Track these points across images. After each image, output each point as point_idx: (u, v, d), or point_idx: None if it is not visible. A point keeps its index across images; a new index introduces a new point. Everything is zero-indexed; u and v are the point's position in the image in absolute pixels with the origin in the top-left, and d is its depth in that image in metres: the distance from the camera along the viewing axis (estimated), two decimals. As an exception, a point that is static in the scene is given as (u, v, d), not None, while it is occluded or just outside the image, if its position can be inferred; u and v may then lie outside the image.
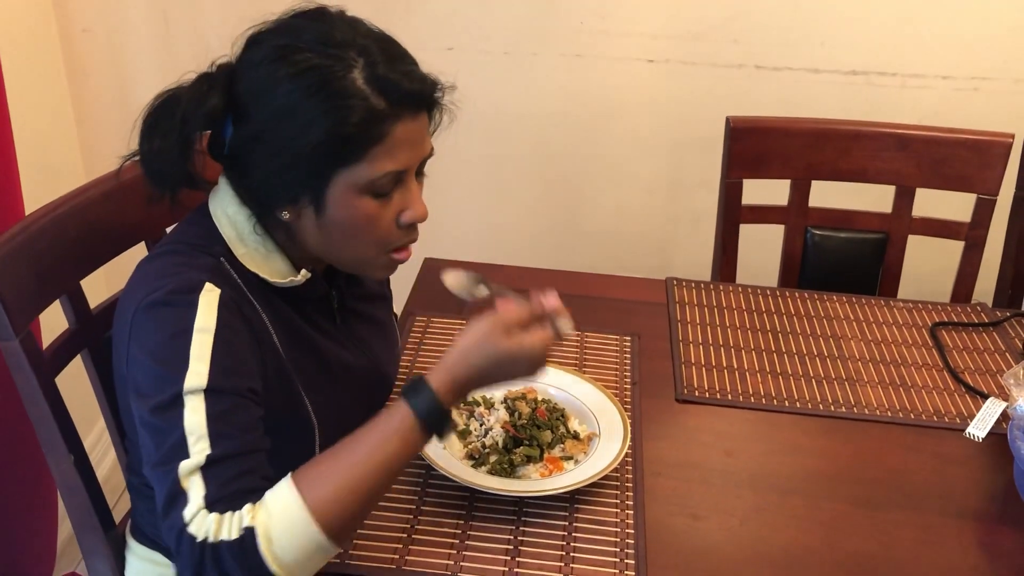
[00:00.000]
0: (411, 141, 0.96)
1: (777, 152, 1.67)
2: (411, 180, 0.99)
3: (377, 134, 0.92)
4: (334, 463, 0.87)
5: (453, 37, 2.05)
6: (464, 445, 1.12)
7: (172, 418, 0.88)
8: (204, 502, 0.84)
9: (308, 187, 0.94)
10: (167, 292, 0.92)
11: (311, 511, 0.83)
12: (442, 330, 1.37)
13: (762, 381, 1.31)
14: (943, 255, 1.74)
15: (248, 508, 0.83)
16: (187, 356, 0.90)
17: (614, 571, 0.97)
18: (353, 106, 0.91)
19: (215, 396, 0.89)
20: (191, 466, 0.85)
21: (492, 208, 2.24)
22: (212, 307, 0.92)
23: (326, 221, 0.96)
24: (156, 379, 0.90)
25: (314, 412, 1.03)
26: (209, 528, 0.82)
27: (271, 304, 1.01)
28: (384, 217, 0.97)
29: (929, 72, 1.98)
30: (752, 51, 2.00)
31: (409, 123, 0.95)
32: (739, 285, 1.56)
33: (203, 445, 0.86)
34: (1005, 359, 1.38)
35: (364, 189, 0.94)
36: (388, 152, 0.94)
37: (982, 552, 1.04)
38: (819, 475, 1.14)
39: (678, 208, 2.17)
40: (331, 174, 0.93)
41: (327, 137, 0.91)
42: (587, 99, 2.09)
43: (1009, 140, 1.62)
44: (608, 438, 1.12)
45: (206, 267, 0.95)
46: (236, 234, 0.99)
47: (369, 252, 1.00)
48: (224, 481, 0.85)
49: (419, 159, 0.99)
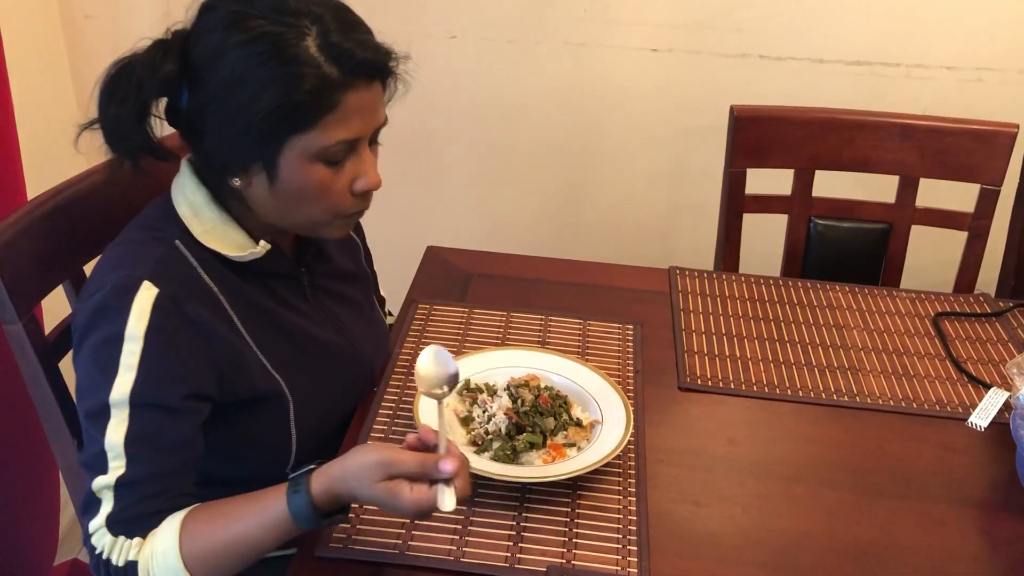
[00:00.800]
0: (364, 110, 0.96)
1: (781, 141, 1.67)
2: (364, 148, 0.99)
3: (329, 102, 0.93)
4: (214, 530, 0.92)
5: (456, 25, 2.05)
6: (467, 432, 1.12)
7: (98, 428, 0.93)
8: (106, 521, 0.92)
9: (260, 154, 0.95)
10: (105, 294, 0.94)
11: (184, 562, 0.91)
12: (445, 317, 1.37)
13: (764, 370, 1.31)
14: (946, 245, 1.74)
15: (138, 541, 0.92)
16: (117, 364, 0.93)
17: (616, 557, 0.98)
18: (305, 74, 0.91)
19: (139, 410, 0.93)
20: (105, 482, 0.93)
21: (495, 196, 2.24)
22: (145, 311, 0.93)
23: (278, 188, 0.97)
24: (90, 383, 0.94)
25: (288, 388, 1.05)
26: (104, 546, 0.92)
27: (231, 284, 1.02)
28: (336, 184, 0.98)
29: (933, 63, 1.98)
30: (756, 40, 1.99)
31: (362, 92, 0.95)
32: (742, 274, 1.56)
33: (119, 464, 0.92)
34: (1008, 349, 1.38)
35: (316, 156, 0.95)
36: (341, 120, 0.94)
37: (984, 540, 1.04)
38: (821, 463, 1.14)
39: (681, 197, 2.17)
40: (283, 141, 0.94)
41: (279, 104, 0.91)
42: (590, 88, 2.08)
43: (1014, 130, 1.62)
44: (611, 425, 1.12)
45: (153, 258, 0.96)
46: (193, 212, 1.01)
47: (321, 217, 1.01)
48: (129, 503, 0.93)
49: (372, 128, 0.99)
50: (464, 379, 1.18)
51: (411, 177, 2.23)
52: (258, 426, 1.04)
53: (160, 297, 0.94)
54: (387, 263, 1.48)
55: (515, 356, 1.24)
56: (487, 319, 1.38)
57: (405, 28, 2.08)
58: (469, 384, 1.18)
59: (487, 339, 1.32)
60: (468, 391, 1.17)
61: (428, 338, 1.32)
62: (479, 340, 1.32)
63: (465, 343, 1.31)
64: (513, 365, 1.21)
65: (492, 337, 1.33)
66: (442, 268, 1.52)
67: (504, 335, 1.34)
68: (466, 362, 1.21)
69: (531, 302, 1.44)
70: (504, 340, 1.33)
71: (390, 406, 1.18)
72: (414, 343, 1.31)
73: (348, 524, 0.99)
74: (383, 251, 1.82)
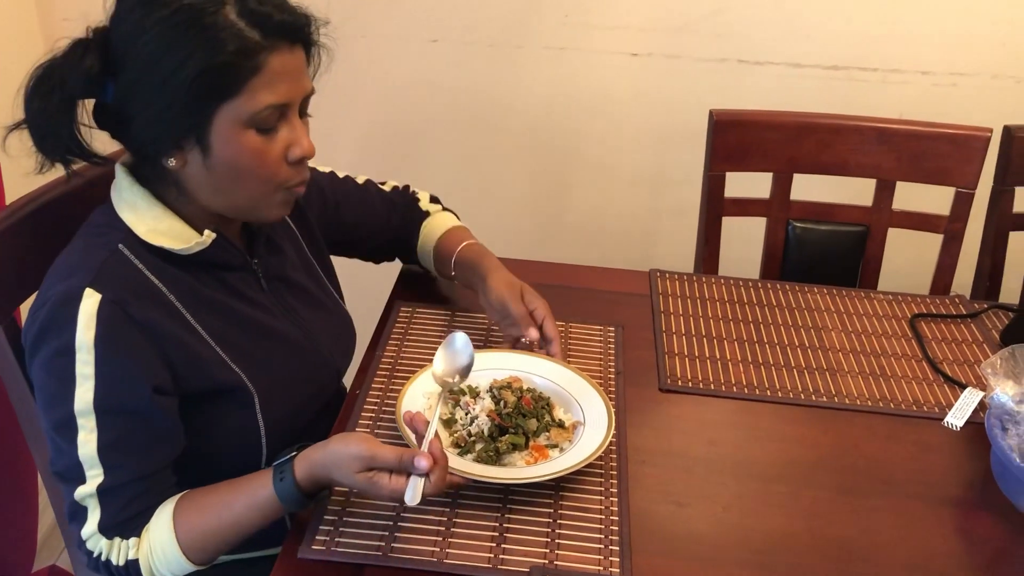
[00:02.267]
0: (289, 74, 0.97)
1: (759, 145, 1.68)
2: (295, 116, 1.00)
3: (253, 65, 0.93)
4: (207, 520, 0.98)
5: (437, 29, 2.05)
6: (450, 434, 1.12)
7: (67, 439, 0.95)
8: (98, 527, 0.97)
9: (191, 126, 0.95)
10: (50, 307, 0.95)
11: (183, 551, 0.97)
12: (427, 320, 1.38)
13: (744, 371, 1.32)
14: (922, 248, 1.76)
15: (134, 541, 0.97)
16: (73, 375, 0.94)
17: (599, 557, 0.98)
18: (226, 38, 0.92)
19: (106, 418, 0.95)
20: (87, 491, 0.96)
21: (476, 200, 2.23)
22: (91, 318, 0.94)
23: (213, 162, 0.97)
24: (50, 396, 0.95)
25: (249, 380, 1.05)
26: (102, 549, 0.97)
27: (181, 281, 1.02)
28: (271, 153, 0.98)
29: (909, 67, 2.00)
30: (735, 45, 2.01)
31: (285, 55, 0.96)
32: (722, 277, 1.57)
33: (96, 472, 0.95)
34: (983, 350, 1.40)
35: (247, 123, 0.95)
36: (267, 84, 0.95)
37: (960, 538, 1.06)
38: (800, 463, 1.16)
39: (661, 201, 2.19)
40: (212, 110, 0.94)
41: (203, 70, 0.92)
42: (571, 92, 2.09)
43: (987, 134, 1.64)
44: (593, 426, 1.12)
45: (94, 265, 0.96)
46: (134, 213, 1.01)
47: (260, 190, 1.01)
48: (117, 509, 0.97)
49: (300, 94, 1.00)
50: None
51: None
52: (225, 419, 1.06)
53: (103, 303, 0.94)
54: (369, 266, 1.48)
55: (498, 358, 1.24)
56: (470, 321, 1.38)
57: (386, 31, 2.09)
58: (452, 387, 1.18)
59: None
60: (451, 393, 1.17)
61: (411, 340, 1.33)
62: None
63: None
64: (496, 367, 1.22)
65: (475, 339, 1.32)
66: (424, 271, 1.53)
67: (487, 338, 1.34)
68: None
69: (513, 305, 1.44)
70: (487, 342, 1.33)
71: (373, 406, 1.18)
72: (396, 345, 1.31)
73: (335, 518, 1.00)
74: (365, 254, 1.80)
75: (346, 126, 2.16)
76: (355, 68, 2.10)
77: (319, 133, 2.38)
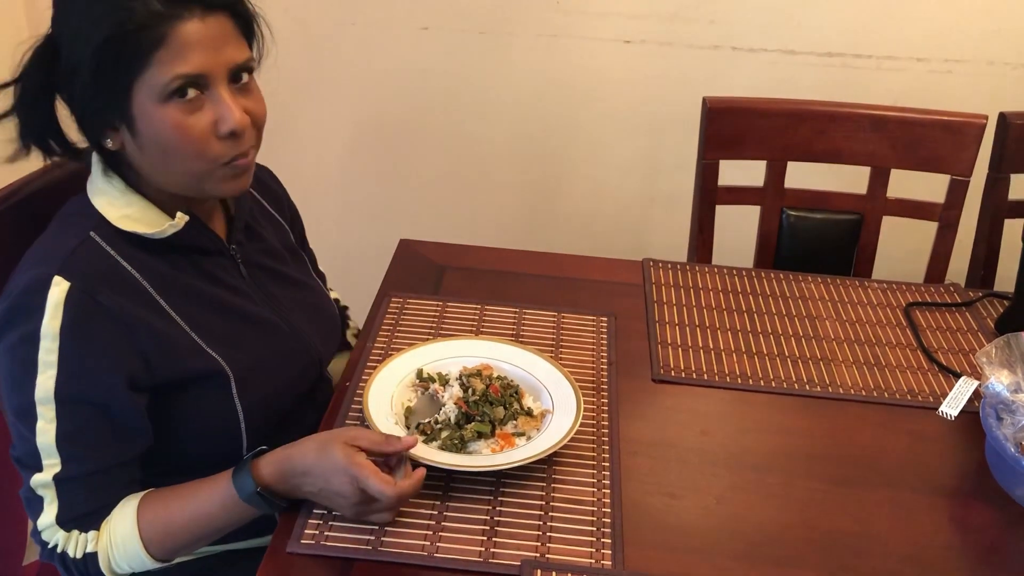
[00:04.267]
0: (203, 44, 0.94)
1: (753, 133, 1.67)
2: (220, 87, 0.96)
3: (157, 36, 0.92)
4: (171, 515, 0.98)
5: (428, 16, 2.03)
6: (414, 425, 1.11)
7: (27, 426, 0.94)
8: (55, 519, 0.96)
9: (113, 105, 0.94)
10: (18, 294, 0.94)
11: (144, 544, 0.97)
12: (418, 310, 1.36)
13: (738, 361, 1.31)
14: (917, 236, 1.75)
15: (93, 534, 0.97)
16: (35, 363, 0.93)
17: (591, 549, 0.97)
18: (132, 8, 0.91)
19: (66, 407, 0.94)
20: (42, 480, 0.95)
21: (468, 189, 2.23)
22: (58, 307, 0.93)
23: (142, 141, 0.96)
24: (12, 382, 0.95)
25: (225, 362, 1.04)
26: (58, 541, 0.96)
27: (156, 268, 1.01)
28: (195, 127, 0.96)
29: (904, 54, 1.99)
30: (729, 32, 2.00)
31: (196, 24, 0.93)
32: (715, 266, 1.56)
33: (54, 462, 0.94)
34: (977, 338, 1.39)
35: (162, 96, 0.94)
36: (176, 55, 0.93)
37: (955, 527, 1.05)
38: (794, 453, 1.15)
39: (655, 189, 2.17)
40: (127, 87, 0.93)
41: (108, 43, 0.91)
42: (564, 80, 2.08)
43: (983, 121, 1.63)
44: (561, 414, 1.11)
45: (63, 253, 0.96)
46: (106, 199, 1.00)
47: (196, 167, 0.98)
48: (73, 502, 0.96)
49: (221, 64, 0.96)
50: (417, 368, 1.18)
51: (383, 170, 2.21)
52: (202, 404, 1.05)
53: (72, 291, 0.93)
54: (359, 256, 1.47)
55: (469, 346, 1.23)
56: (461, 312, 1.37)
57: (376, 18, 2.07)
58: (421, 373, 1.18)
59: (461, 332, 1.31)
60: (420, 380, 1.17)
61: (401, 331, 1.31)
62: (453, 333, 1.31)
63: (439, 336, 1.30)
64: (466, 355, 1.21)
65: (466, 330, 1.32)
66: (415, 261, 1.51)
67: (478, 328, 1.33)
68: (421, 352, 1.21)
69: (505, 295, 1.43)
70: (478, 333, 1.32)
71: (361, 400, 1.17)
72: (387, 336, 1.30)
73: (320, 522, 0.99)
74: (355, 244, 1.81)
75: (336, 114, 2.14)
76: (345, 55, 2.08)
77: (309, 121, 2.38)
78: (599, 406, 1.19)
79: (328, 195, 2.19)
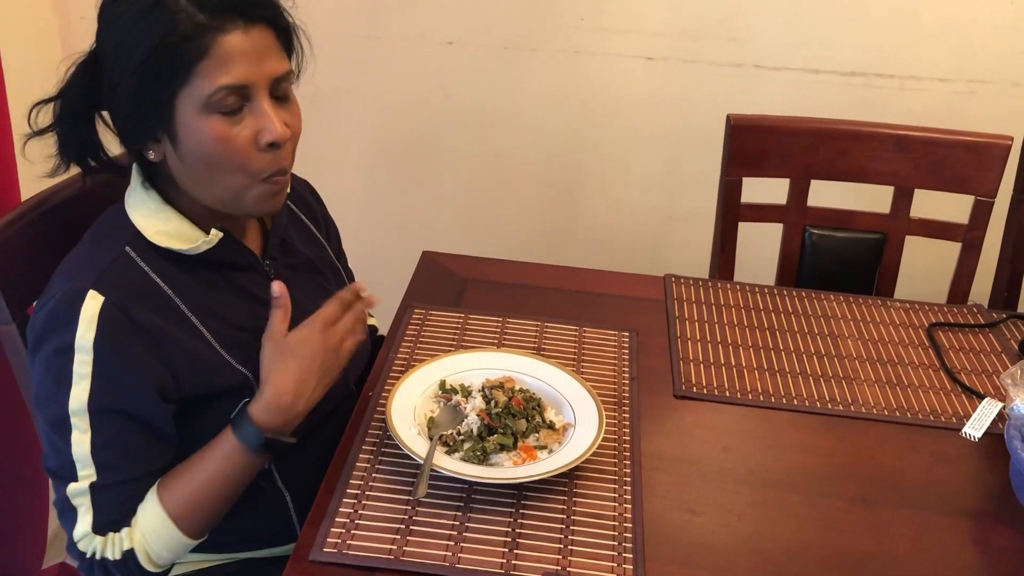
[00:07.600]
0: (246, 55, 0.95)
1: (777, 151, 1.67)
2: (262, 99, 0.98)
3: (200, 47, 0.93)
4: (192, 486, 1.00)
5: (453, 31, 2.05)
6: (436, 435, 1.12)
7: (62, 437, 0.95)
8: (91, 528, 0.97)
9: (157, 116, 0.95)
10: (53, 305, 0.95)
11: (175, 521, 0.99)
12: (440, 323, 1.37)
13: (759, 378, 1.31)
14: (940, 256, 1.74)
15: (126, 532, 0.98)
16: (70, 374, 0.94)
17: (612, 564, 0.97)
18: (176, 20, 0.92)
19: (100, 418, 0.95)
20: (78, 489, 0.96)
21: (489, 203, 2.24)
22: (92, 320, 0.94)
23: (183, 151, 0.97)
24: (47, 393, 0.96)
25: (254, 378, 1.06)
26: (96, 548, 0.97)
27: (188, 285, 1.03)
28: (237, 138, 0.97)
29: (926, 74, 1.99)
30: (751, 50, 2.00)
31: (239, 35, 0.95)
32: (737, 283, 1.56)
33: (89, 472, 0.96)
34: (1001, 360, 1.39)
35: (206, 107, 0.95)
36: (219, 66, 0.94)
37: (977, 550, 1.04)
38: (816, 472, 1.14)
39: (676, 205, 2.18)
40: (172, 97, 0.94)
41: (152, 55, 0.92)
42: (586, 95, 2.09)
43: (1008, 142, 1.62)
44: (584, 428, 1.12)
45: (99, 267, 0.97)
46: (143, 214, 1.02)
47: (236, 181, 0.99)
48: (109, 509, 0.97)
49: (263, 76, 0.97)
50: (440, 379, 1.19)
51: (407, 182, 2.23)
52: (226, 418, 1.05)
53: (106, 305, 0.95)
54: (382, 268, 1.48)
55: (492, 358, 1.24)
56: (482, 324, 1.37)
57: (402, 33, 2.09)
58: (444, 384, 1.18)
59: (482, 344, 1.32)
60: (443, 391, 1.17)
61: (423, 343, 1.32)
62: (474, 346, 1.31)
63: (461, 348, 1.31)
64: (489, 367, 1.21)
65: (488, 342, 1.33)
66: (438, 273, 1.52)
67: (500, 341, 1.34)
68: (443, 363, 1.22)
69: (526, 308, 1.43)
70: (500, 345, 1.32)
71: (383, 410, 1.17)
72: (409, 347, 1.31)
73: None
74: (378, 255, 1.82)
75: (360, 126, 2.16)
76: (370, 69, 2.10)
77: (333, 133, 2.40)
78: (621, 421, 1.19)
79: (352, 206, 2.21)
